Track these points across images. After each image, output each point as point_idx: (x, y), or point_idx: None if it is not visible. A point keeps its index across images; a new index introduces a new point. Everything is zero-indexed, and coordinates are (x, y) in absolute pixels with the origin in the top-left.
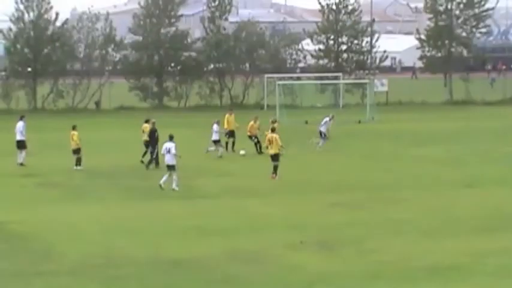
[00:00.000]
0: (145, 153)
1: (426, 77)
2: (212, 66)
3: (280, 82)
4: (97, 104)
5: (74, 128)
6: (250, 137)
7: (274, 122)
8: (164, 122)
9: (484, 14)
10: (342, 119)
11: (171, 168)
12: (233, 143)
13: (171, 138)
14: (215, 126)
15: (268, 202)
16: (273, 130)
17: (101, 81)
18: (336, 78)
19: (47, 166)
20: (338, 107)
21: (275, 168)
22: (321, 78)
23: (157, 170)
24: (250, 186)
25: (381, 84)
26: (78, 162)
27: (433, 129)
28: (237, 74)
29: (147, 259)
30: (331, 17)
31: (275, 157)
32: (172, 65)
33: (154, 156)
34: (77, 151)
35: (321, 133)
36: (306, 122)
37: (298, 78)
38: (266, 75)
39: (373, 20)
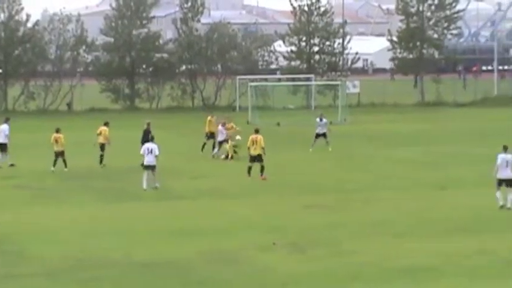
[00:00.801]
0: (101, 156)
1: (401, 79)
2: (184, 67)
3: (253, 84)
4: (68, 105)
5: (57, 131)
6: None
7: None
8: (135, 123)
9: (455, 15)
10: (314, 120)
11: (152, 168)
12: (213, 145)
13: (152, 139)
14: (220, 128)
15: (243, 204)
16: (256, 131)
17: (72, 83)
18: (308, 79)
19: (20, 168)
20: (310, 108)
21: (262, 168)
22: (293, 79)
23: (135, 172)
24: (225, 187)
25: (352, 86)
26: (65, 164)
27: (405, 131)
28: (209, 76)
29: (122, 261)
30: (303, 19)
31: (259, 158)
32: (144, 66)
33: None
34: (61, 153)
35: (325, 135)
36: (278, 124)
37: (271, 80)
38: (238, 77)
39: (345, 22)
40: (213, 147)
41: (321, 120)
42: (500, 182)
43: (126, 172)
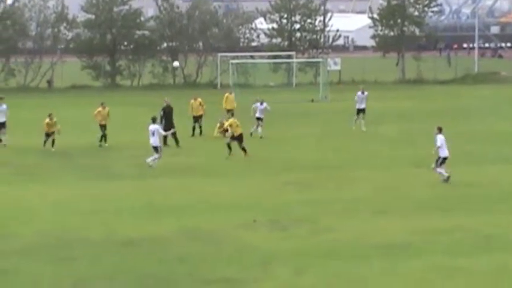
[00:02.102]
0: (102, 136)
1: (380, 56)
2: (165, 45)
3: (234, 61)
4: (49, 82)
5: (50, 115)
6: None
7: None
8: (117, 100)
9: None
10: (295, 98)
11: (156, 149)
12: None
13: (154, 120)
14: (258, 105)
15: (222, 182)
16: (232, 114)
17: (53, 60)
18: (289, 57)
19: (1, 146)
20: (291, 86)
21: (244, 148)
22: (274, 57)
23: (117, 150)
24: (204, 166)
25: (333, 63)
26: (53, 143)
27: (385, 108)
28: (190, 53)
29: (100, 239)
30: None
31: (240, 138)
32: (125, 43)
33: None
34: (52, 133)
35: (364, 111)
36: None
37: (252, 57)
38: (219, 54)
39: None
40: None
41: (362, 93)
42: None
43: (106, 150)
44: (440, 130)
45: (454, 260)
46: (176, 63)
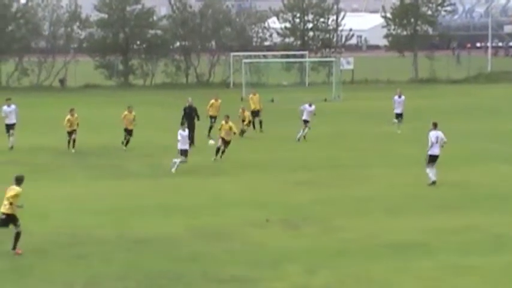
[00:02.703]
0: (126, 139)
1: (393, 56)
2: (178, 44)
3: (247, 60)
4: (61, 81)
5: (72, 110)
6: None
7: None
8: (130, 100)
9: None
10: (308, 97)
11: (185, 152)
12: (260, 123)
13: (183, 126)
14: (307, 106)
15: (234, 180)
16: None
17: (66, 59)
18: (302, 56)
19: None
20: (304, 85)
21: (224, 152)
22: (287, 56)
23: (125, 150)
24: (216, 165)
25: (346, 63)
26: (74, 143)
27: None
28: (202, 52)
29: (112, 237)
30: None
31: (229, 143)
32: (138, 43)
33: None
34: (73, 132)
35: (401, 115)
36: (272, 100)
37: (265, 57)
38: (232, 54)
39: None
40: (254, 126)
41: (399, 97)
42: (433, 158)
43: (119, 149)
44: (435, 126)
45: (465, 259)
46: (212, 142)
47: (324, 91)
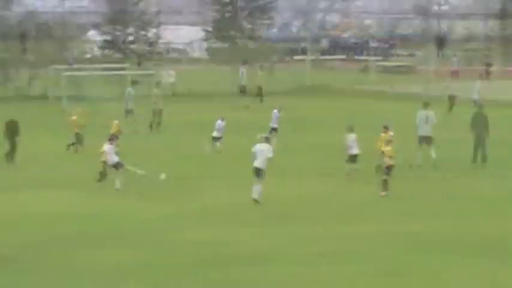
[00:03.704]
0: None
1: (216, 69)
2: None
3: (67, 73)
4: None
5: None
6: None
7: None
8: None
9: (268, 5)
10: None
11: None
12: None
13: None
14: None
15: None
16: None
17: None
18: (123, 69)
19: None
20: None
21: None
22: (108, 69)
23: None
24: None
25: (167, 75)
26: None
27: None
28: (22, 65)
29: None
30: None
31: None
32: None
33: None
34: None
35: (275, 129)
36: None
37: (84, 70)
38: (52, 66)
39: (160, 11)
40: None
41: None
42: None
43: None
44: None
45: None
46: (163, 176)
47: (147, 103)
